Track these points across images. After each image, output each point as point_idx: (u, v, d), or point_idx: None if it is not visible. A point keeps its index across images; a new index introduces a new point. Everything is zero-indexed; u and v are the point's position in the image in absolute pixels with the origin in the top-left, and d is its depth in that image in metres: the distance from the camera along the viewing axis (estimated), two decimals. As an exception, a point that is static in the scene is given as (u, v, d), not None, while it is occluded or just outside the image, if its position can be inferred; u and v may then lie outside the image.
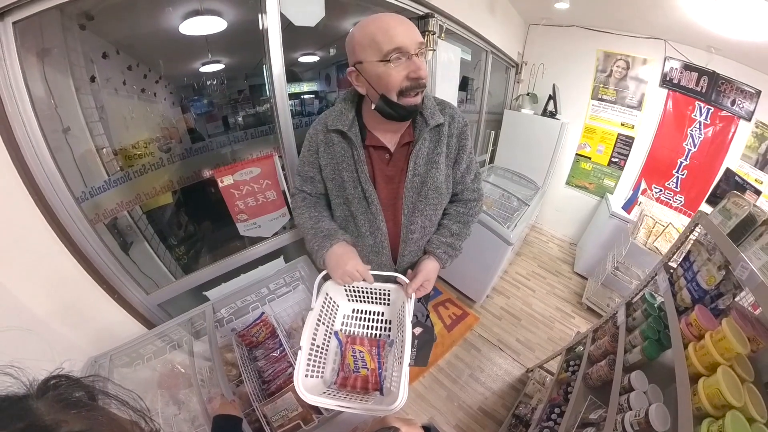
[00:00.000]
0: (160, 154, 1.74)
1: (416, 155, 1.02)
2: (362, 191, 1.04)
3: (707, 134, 3.10)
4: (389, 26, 0.83)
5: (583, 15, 3.11)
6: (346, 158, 1.02)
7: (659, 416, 1.04)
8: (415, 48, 0.85)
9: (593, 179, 3.80)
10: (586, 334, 1.81)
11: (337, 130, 1.00)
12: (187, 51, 1.86)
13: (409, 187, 1.04)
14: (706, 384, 0.91)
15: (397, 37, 0.83)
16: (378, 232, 1.10)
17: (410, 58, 0.85)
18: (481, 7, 2.71)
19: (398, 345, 0.96)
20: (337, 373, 0.99)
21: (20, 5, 0.91)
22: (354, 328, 1.10)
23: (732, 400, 0.83)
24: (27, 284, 1.03)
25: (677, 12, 2.46)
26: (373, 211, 1.06)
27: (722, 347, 0.94)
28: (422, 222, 1.10)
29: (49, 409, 0.32)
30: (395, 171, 1.06)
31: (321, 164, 1.07)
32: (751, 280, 0.88)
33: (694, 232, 1.35)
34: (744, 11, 2.05)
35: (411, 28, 0.85)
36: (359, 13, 2.23)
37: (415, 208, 1.08)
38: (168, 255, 1.87)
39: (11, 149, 0.94)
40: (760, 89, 2.79)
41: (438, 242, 1.15)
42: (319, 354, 0.97)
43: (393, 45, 0.83)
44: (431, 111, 1.01)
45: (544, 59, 3.61)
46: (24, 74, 0.95)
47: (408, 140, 1.04)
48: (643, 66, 3.22)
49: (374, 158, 1.05)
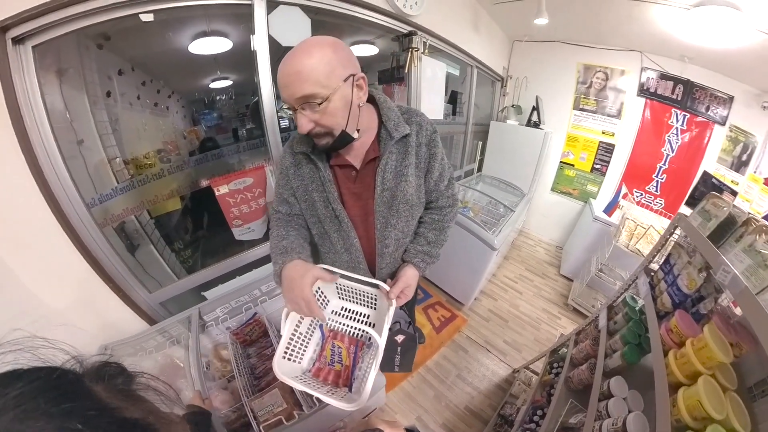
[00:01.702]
0: (167, 163, 1.73)
1: (383, 170, 0.92)
2: (332, 210, 0.96)
3: (684, 139, 3.05)
4: (279, 79, 0.76)
5: (563, 30, 3.06)
6: (315, 179, 0.96)
7: (638, 426, 0.93)
8: (297, 104, 0.76)
9: (577, 185, 3.72)
10: (569, 337, 1.69)
11: (303, 152, 0.93)
12: (196, 68, 1.91)
13: (379, 203, 0.95)
14: (687, 395, 0.80)
15: (283, 92, 0.77)
16: (352, 248, 1.02)
17: (295, 111, 0.78)
18: (466, 25, 2.67)
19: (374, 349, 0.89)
20: (313, 362, 0.95)
21: (39, 31, 0.95)
22: (339, 325, 1.03)
23: (713, 413, 0.73)
24: (41, 282, 1.06)
25: (652, 25, 2.42)
26: (344, 229, 0.98)
27: (704, 356, 0.83)
28: (395, 235, 1.01)
29: (108, 394, 0.31)
30: (363, 188, 0.97)
31: (293, 186, 1.00)
32: (734, 285, 0.77)
33: (674, 234, 1.24)
34: (714, 21, 2.00)
35: (291, 84, 0.74)
36: (348, 35, 2.20)
37: (387, 222, 0.98)
38: (171, 257, 1.86)
39: (29, 158, 0.97)
40: (733, 95, 2.77)
41: (415, 251, 1.05)
42: (301, 341, 0.94)
43: (282, 97, 0.79)
44: (395, 123, 0.91)
45: (528, 73, 3.57)
46: (41, 91, 0.99)
47: (374, 156, 0.93)
48: (621, 77, 3.18)
49: (340, 177, 0.96)
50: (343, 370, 0.92)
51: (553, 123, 3.54)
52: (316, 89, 0.73)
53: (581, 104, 3.45)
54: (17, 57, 0.93)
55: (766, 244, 0.78)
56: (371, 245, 1.03)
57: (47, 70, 1.08)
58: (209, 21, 1.61)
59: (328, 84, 0.74)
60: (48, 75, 1.10)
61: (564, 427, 1.29)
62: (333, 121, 0.80)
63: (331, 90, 0.75)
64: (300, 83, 0.72)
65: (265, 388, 1.15)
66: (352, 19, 1.74)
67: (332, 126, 0.80)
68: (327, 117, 0.78)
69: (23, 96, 0.94)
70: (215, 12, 1.50)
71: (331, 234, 1.02)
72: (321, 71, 0.73)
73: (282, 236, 0.98)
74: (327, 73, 0.74)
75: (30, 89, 0.96)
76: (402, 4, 1.84)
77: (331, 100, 0.76)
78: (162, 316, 1.44)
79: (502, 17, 3.02)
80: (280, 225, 1.03)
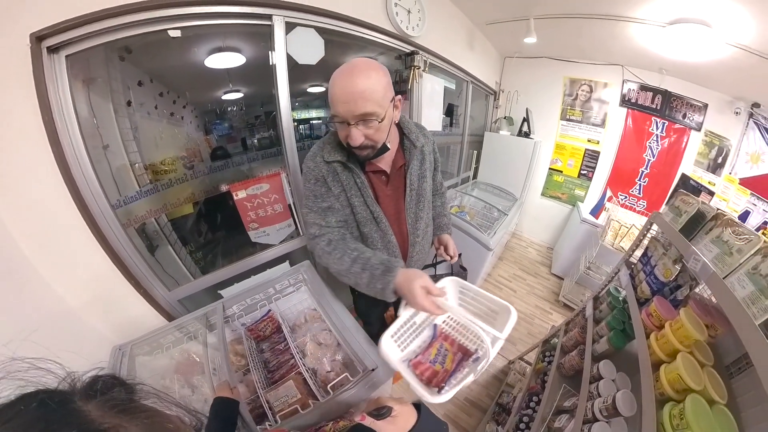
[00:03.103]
0: (184, 170, 1.75)
1: (411, 174, 1.04)
2: (371, 213, 1.01)
3: (663, 145, 3.12)
4: (334, 95, 0.79)
5: (550, 47, 3.13)
6: (352, 185, 0.98)
7: (625, 402, 0.97)
8: (353, 120, 0.80)
9: (565, 190, 3.77)
10: (560, 327, 1.73)
11: (337, 161, 0.95)
12: (210, 81, 1.92)
13: (409, 201, 1.06)
14: (668, 370, 0.85)
15: (336, 108, 0.80)
16: (389, 245, 1.08)
17: (348, 126, 0.82)
18: (462, 44, 2.75)
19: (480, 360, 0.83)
20: (416, 355, 0.90)
21: (73, 41, 0.96)
22: (452, 330, 0.97)
23: (691, 383, 0.77)
24: (65, 278, 1.05)
25: (632, 41, 2.49)
26: (382, 228, 1.04)
27: (681, 335, 0.88)
28: (423, 227, 1.14)
29: (102, 413, 0.27)
30: (393, 190, 1.06)
31: (335, 192, 0.99)
32: (704, 272, 0.82)
33: (650, 230, 1.29)
34: (688, 37, 2.07)
35: (352, 102, 0.77)
36: (355, 52, 2.25)
37: (417, 217, 1.10)
38: (188, 257, 1.86)
39: (59, 160, 0.97)
40: (707, 102, 2.84)
41: (443, 225, 1.32)
42: (412, 330, 0.92)
43: (333, 112, 0.82)
44: (415, 135, 1.04)
45: (519, 87, 3.64)
46: (73, 98, 1.00)
47: (401, 162, 1.04)
48: (604, 89, 3.24)
49: (375, 182, 1.03)
50: (442, 372, 0.85)
51: (542, 133, 3.60)
52: (375, 108, 0.79)
53: (568, 115, 3.51)
54: (51, 65, 0.93)
55: (732, 235, 0.83)
56: (404, 239, 1.12)
57: (77, 79, 1.09)
58: (225, 37, 1.64)
59: (383, 104, 0.81)
60: (77, 83, 1.10)
61: (559, 410, 1.32)
62: (381, 137, 0.87)
63: (384, 110, 0.82)
64: (363, 102, 0.78)
65: (278, 381, 1.16)
66: (359, 39, 1.78)
67: (379, 140, 0.88)
68: (378, 133, 0.85)
69: (55, 102, 0.95)
70: (236, 30, 1.51)
71: (370, 235, 1.05)
72: (379, 93, 0.79)
73: (355, 257, 0.93)
74: (383, 94, 0.81)
75: (62, 96, 0.97)
76: (405, 26, 1.91)
77: (384, 119, 0.83)
78: (180, 313, 1.45)
79: (494, 36, 3.10)
80: (340, 245, 0.98)
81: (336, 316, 1.27)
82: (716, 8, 1.76)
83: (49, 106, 0.93)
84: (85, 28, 0.95)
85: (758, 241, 0.76)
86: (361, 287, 0.93)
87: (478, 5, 2.48)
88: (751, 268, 0.72)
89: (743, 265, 0.75)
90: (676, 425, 0.73)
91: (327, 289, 1.43)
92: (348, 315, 1.28)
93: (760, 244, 0.75)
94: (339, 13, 1.57)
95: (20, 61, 0.86)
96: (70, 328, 1.07)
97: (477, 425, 1.86)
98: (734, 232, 0.83)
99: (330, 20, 1.56)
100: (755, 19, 1.72)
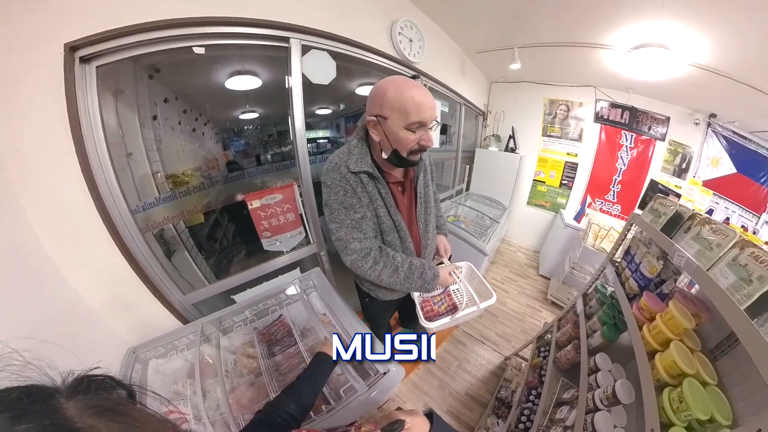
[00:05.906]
0: (202, 179, 1.74)
1: (419, 184, 1.06)
2: (393, 222, 1.00)
3: (633, 155, 3.20)
4: (422, 103, 0.80)
5: (531, 72, 3.21)
6: (377, 196, 0.96)
7: (625, 390, 0.96)
8: (432, 123, 0.85)
9: (548, 198, 3.81)
10: (552, 324, 1.72)
11: (364, 171, 0.92)
12: (230, 101, 1.94)
13: (419, 209, 1.08)
14: (662, 358, 0.84)
15: (425, 113, 0.81)
16: (407, 251, 1.07)
17: (426, 130, 0.85)
18: (455, 71, 2.82)
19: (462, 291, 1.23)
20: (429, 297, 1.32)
21: (104, 53, 0.94)
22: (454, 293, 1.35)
23: (686, 368, 0.76)
24: (85, 279, 1.01)
25: (602, 64, 2.58)
26: (402, 236, 1.04)
27: (672, 325, 0.87)
28: (431, 230, 1.17)
29: (80, 412, 0.25)
30: (407, 199, 1.07)
31: (364, 202, 0.95)
32: (688, 266, 0.83)
33: (630, 231, 1.31)
34: (650, 59, 2.15)
35: (434, 109, 0.84)
36: (362, 76, 2.29)
37: (427, 222, 1.12)
38: (204, 263, 1.83)
39: (83, 165, 0.95)
40: (669, 115, 2.94)
41: (440, 226, 1.36)
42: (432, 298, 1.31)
43: (419, 119, 0.81)
44: None
45: (504, 107, 3.71)
46: (100, 107, 0.97)
47: (412, 174, 1.06)
48: (580, 107, 3.32)
49: (395, 192, 1.02)
50: (436, 311, 1.27)
51: (527, 148, 3.67)
52: None
53: (548, 131, 3.58)
54: (82, 75, 0.92)
55: (710, 232, 0.84)
56: (417, 242, 1.12)
57: (106, 90, 1.07)
58: (244, 61, 1.66)
59: None
60: (106, 94, 1.08)
61: (559, 402, 1.30)
62: None
63: None
64: (438, 110, 0.86)
65: (290, 384, 1.13)
66: (366, 63, 1.79)
67: None
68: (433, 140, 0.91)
69: (83, 110, 0.93)
70: (254, 52, 1.51)
71: (393, 242, 1.03)
72: None
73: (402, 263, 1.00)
74: None
75: (90, 104, 0.94)
76: (408, 53, 1.96)
77: None
78: (194, 317, 1.39)
79: (483, 63, 3.19)
80: (385, 258, 0.99)
81: (348, 322, 1.24)
82: (673, 34, 1.85)
83: (77, 112, 0.91)
84: (117, 41, 0.94)
85: (734, 235, 0.77)
86: (412, 289, 1.10)
87: (468, 36, 2.56)
88: (731, 260, 0.73)
89: (723, 258, 0.76)
90: (677, 408, 0.72)
91: (336, 294, 1.40)
92: (358, 320, 1.25)
93: (736, 239, 0.76)
94: (351, 39, 1.59)
95: (53, 69, 0.85)
96: (86, 327, 1.02)
97: (479, 419, 1.82)
98: (711, 229, 0.84)
99: (342, 45, 1.57)
100: (709, 42, 1.80)
